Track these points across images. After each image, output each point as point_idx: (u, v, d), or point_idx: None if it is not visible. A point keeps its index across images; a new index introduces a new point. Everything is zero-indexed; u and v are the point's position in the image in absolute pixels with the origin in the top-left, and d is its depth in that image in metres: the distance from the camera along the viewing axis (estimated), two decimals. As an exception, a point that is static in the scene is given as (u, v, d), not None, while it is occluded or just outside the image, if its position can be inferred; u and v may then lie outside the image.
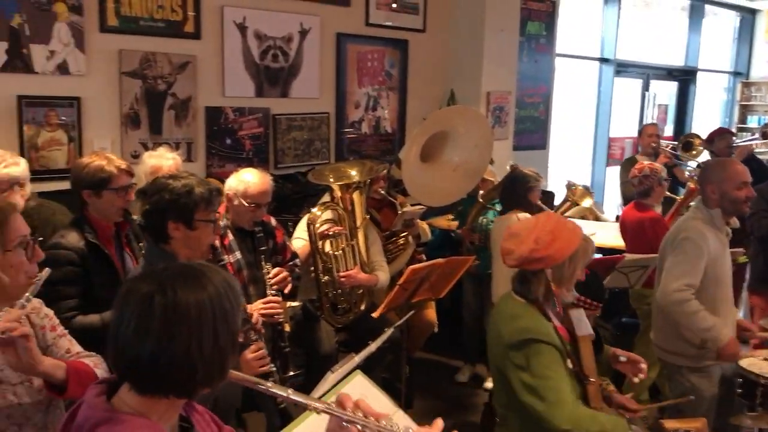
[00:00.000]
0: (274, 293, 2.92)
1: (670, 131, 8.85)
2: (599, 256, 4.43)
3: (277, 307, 2.87)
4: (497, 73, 5.81)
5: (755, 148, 5.66)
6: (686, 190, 4.78)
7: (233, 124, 4.52)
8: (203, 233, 2.30)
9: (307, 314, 3.48)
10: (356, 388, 1.77)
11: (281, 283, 3.00)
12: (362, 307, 3.63)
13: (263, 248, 3.02)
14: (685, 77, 9.14)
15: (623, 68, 7.99)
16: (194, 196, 2.26)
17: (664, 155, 5.55)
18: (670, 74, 9.00)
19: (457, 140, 3.96)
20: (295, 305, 3.31)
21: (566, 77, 7.30)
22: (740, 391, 2.88)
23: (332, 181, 3.65)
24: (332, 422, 1.39)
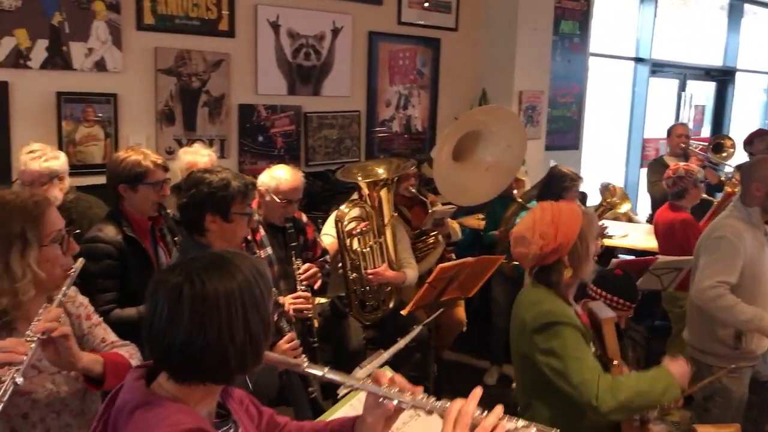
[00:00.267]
0: (303, 288, 2.95)
1: (707, 132, 8.67)
2: (632, 257, 4.39)
3: (306, 302, 2.89)
4: (530, 72, 5.76)
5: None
6: (723, 193, 4.67)
7: (265, 121, 4.56)
8: (239, 226, 2.36)
9: (335, 311, 3.50)
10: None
11: (311, 278, 3.02)
12: (391, 304, 3.63)
13: (294, 244, 3.05)
14: (723, 77, 8.94)
15: (659, 68, 7.84)
16: (231, 189, 2.31)
17: (695, 157, 5.42)
18: (707, 74, 8.80)
19: (489, 140, 3.93)
20: (323, 301, 3.34)
21: (600, 77, 7.21)
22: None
23: (360, 178, 3.66)
24: (369, 400, 1.41)
